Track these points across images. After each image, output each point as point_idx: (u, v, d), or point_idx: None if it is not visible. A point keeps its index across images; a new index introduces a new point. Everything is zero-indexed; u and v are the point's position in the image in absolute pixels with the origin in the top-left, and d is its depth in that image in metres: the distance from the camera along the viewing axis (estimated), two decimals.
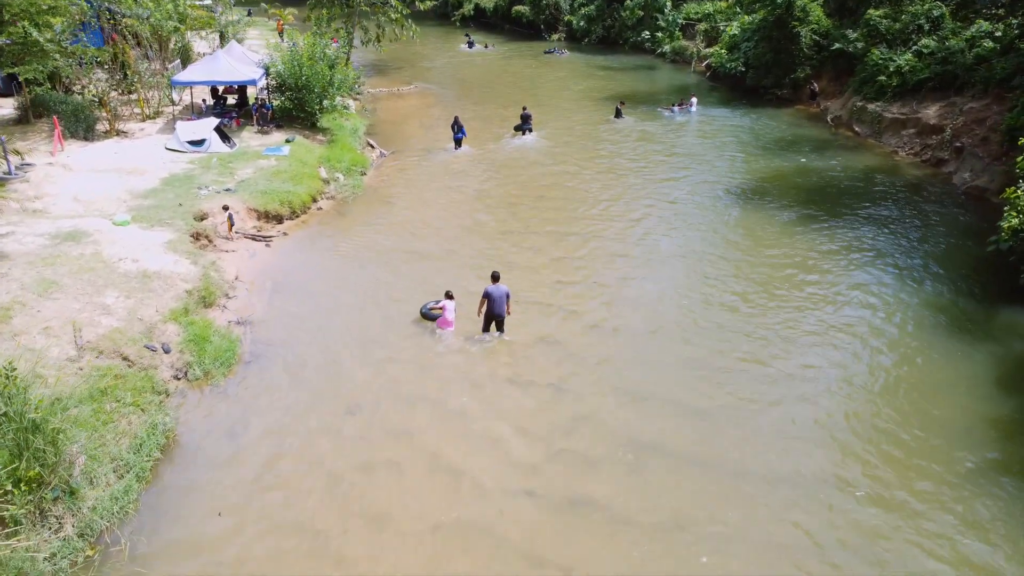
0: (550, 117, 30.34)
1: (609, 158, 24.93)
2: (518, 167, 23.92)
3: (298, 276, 16.24)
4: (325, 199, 20.80)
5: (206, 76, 23.68)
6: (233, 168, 20.87)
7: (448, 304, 13.91)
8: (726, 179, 22.75)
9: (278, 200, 19.03)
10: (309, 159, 22.34)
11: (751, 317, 14.42)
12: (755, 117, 30.31)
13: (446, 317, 13.93)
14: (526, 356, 13.17)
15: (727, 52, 36.60)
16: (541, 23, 54.44)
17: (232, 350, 12.94)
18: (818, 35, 31.76)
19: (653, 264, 16.85)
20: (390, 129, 29.15)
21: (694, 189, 21.70)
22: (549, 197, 21.04)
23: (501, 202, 20.71)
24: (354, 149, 24.58)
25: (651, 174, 23.19)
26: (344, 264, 16.85)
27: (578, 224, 19.11)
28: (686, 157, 25.06)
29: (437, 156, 25.21)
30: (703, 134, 27.93)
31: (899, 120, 26.00)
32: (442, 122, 29.76)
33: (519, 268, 16.60)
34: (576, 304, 14.98)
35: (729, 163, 24.44)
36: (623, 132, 28.13)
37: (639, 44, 46.81)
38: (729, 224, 19.17)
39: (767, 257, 17.08)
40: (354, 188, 21.49)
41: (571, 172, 23.23)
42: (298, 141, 23.72)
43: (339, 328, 14.09)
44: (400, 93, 35.46)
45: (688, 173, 23.23)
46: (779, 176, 23.07)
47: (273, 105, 25.55)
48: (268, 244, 17.67)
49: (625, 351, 13.35)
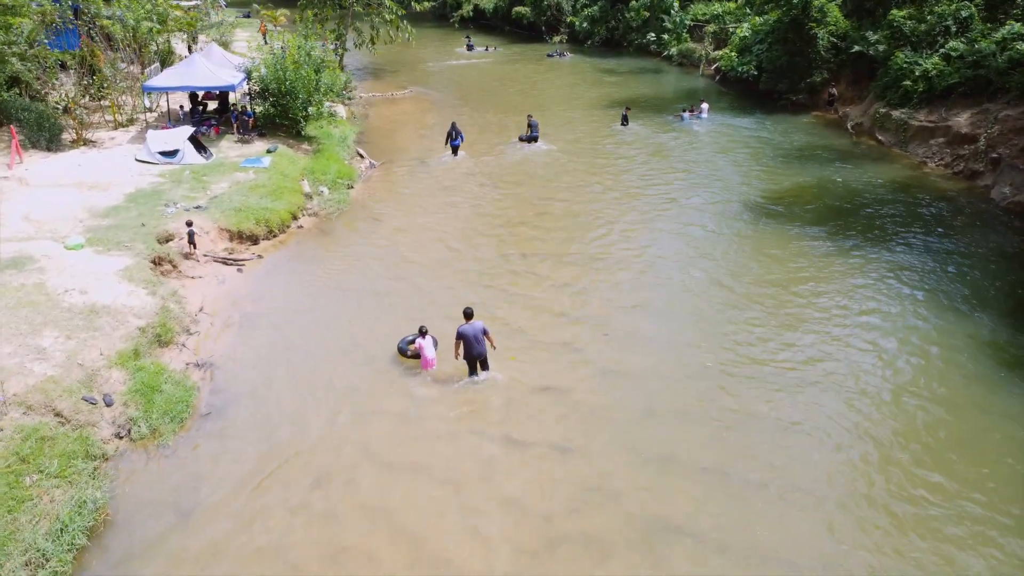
0: (553, 125, 28.58)
1: (615, 170, 23.19)
2: (518, 180, 22.18)
3: (271, 307, 14.50)
4: (307, 215, 19.06)
5: (180, 81, 21.96)
6: (207, 182, 19.14)
7: (423, 342, 12.26)
8: (742, 194, 21.00)
9: (253, 218, 17.30)
10: (291, 171, 20.61)
11: (774, 357, 12.65)
12: (770, 124, 28.56)
13: (425, 356, 12.27)
14: (524, 408, 11.42)
15: (737, 55, 34.86)
16: (542, 24, 52.72)
17: (186, 401, 11.20)
18: (836, 37, 30.02)
19: (665, 295, 15.08)
20: (382, 137, 27.43)
21: (708, 206, 19.94)
22: (551, 215, 19.29)
23: (499, 220, 18.96)
24: (341, 160, 22.85)
25: (661, 189, 21.44)
26: (323, 292, 15.10)
27: (582, 247, 17.36)
28: (698, 169, 23.32)
29: (431, 167, 23.49)
30: (715, 143, 26.19)
31: (927, 128, 24.24)
32: (438, 129, 28.02)
33: (517, 298, 14.86)
34: (581, 342, 13.22)
35: (744, 176, 22.69)
36: (630, 141, 26.39)
37: (644, 46, 45.08)
38: (746, 249, 17.41)
39: (788, 287, 15.32)
40: (339, 203, 19.75)
41: (575, 187, 21.49)
42: (280, 151, 22.00)
43: (313, 371, 12.35)
44: (394, 98, 33.76)
45: (701, 188, 21.48)
46: (799, 190, 21.31)
47: (255, 112, 23.83)
48: (240, 269, 15.93)
49: (638, 401, 11.59)
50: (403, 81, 37.66)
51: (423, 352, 12.28)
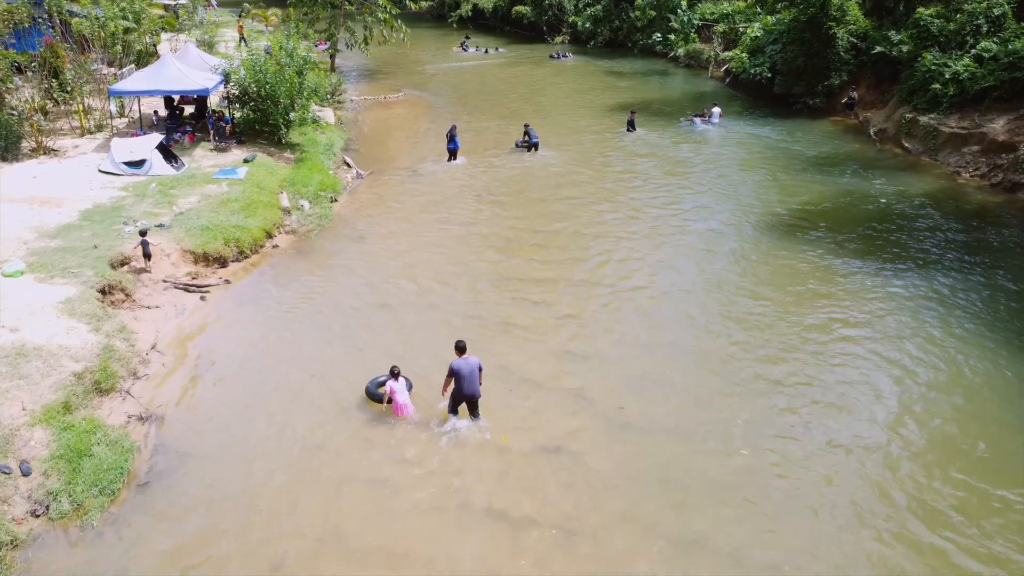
0: (555, 131, 26.82)
1: (621, 183, 21.40)
2: (517, 194, 20.40)
3: (235, 343, 12.72)
4: (284, 233, 17.29)
5: (150, 84, 20.19)
6: (174, 196, 17.37)
7: (394, 386, 10.59)
8: (759, 209, 19.21)
9: (222, 238, 15.52)
10: (269, 183, 18.84)
11: (807, 411, 10.87)
12: (786, 130, 26.77)
13: (398, 401, 10.59)
14: (522, 474, 9.63)
15: (749, 56, 33.08)
16: (543, 25, 50.95)
17: (121, 467, 9.41)
18: (855, 37, 28.23)
19: (682, 330, 13.27)
20: (372, 144, 25.65)
21: (723, 224, 18.13)
22: (553, 233, 17.49)
23: (496, 240, 17.17)
24: (325, 169, 21.07)
25: (671, 203, 19.65)
26: (295, 325, 13.31)
27: (588, 271, 15.57)
28: (711, 181, 21.52)
29: (423, 177, 21.71)
30: (728, 151, 24.38)
31: (959, 135, 22.45)
32: (432, 135, 26.29)
33: (517, 330, 13.08)
34: (589, 389, 11.42)
35: (762, 188, 20.90)
36: (637, 149, 24.60)
37: (650, 47, 43.28)
38: (767, 275, 15.61)
39: (816, 322, 13.54)
40: (320, 219, 17.97)
41: (578, 201, 19.70)
42: (259, 160, 20.23)
43: (276, 425, 10.57)
44: (387, 101, 31.99)
45: (715, 202, 19.68)
46: (822, 203, 19.52)
47: (233, 117, 22.06)
48: (203, 297, 14.15)
49: (656, 465, 9.81)
50: (397, 84, 35.89)
51: (395, 397, 10.60)
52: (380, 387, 10.93)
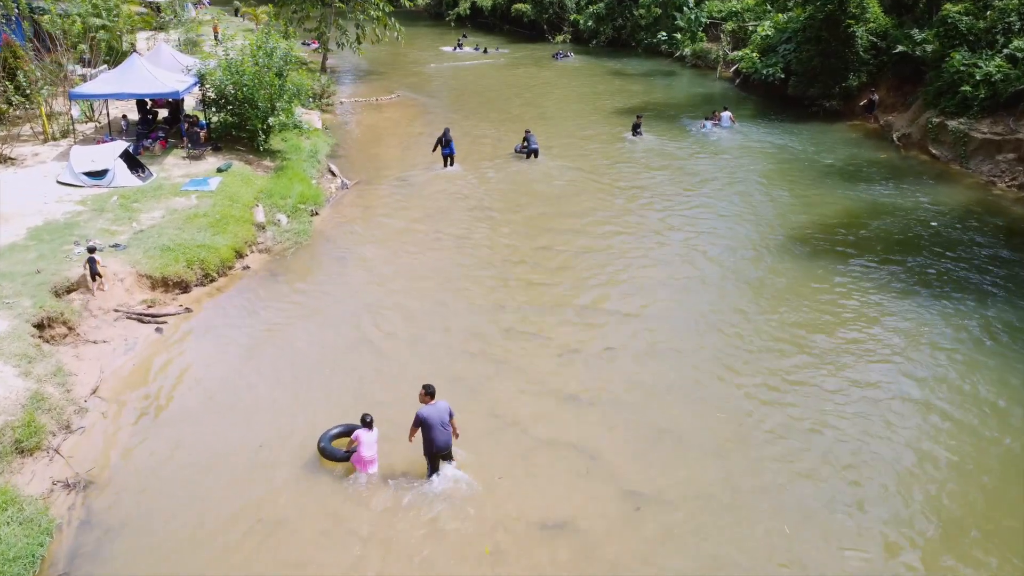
0: (556, 135, 25.21)
1: (628, 193, 19.75)
2: (516, 206, 18.76)
3: (190, 385, 11.10)
4: (257, 252, 15.65)
5: (115, 87, 18.54)
6: (136, 210, 15.75)
7: (364, 436, 9.05)
8: (777, 222, 17.57)
9: (185, 259, 13.89)
10: (243, 195, 17.21)
11: (844, 482, 9.25)
12: (802, 135, 25.12)
13: (362, 455, 9.04)
14: (517, 561, 7.99)
15: (759, 56, 31.43)
16: (544, 23, 49.30)
17: (32, 555, 7.78)
18: (875, 36, 26.59)
19: (700, 369, 11.63)
20: (361, 150, 24.03)
21: (739, 239, 16.51)
22: (555, 252, 15.85)
23: (492, 259, 15.54)
24: (307, 179, 19.43)
25: (681, 216, 18.01)
26: (260, 363, 11.68)
27: (593, 296, 13.92)
28: (724, 190, 19.89)
29: (414, 187, 20.06)
30: (743, 159, 22.72)
31: (992, 141, 20.81)
32: (425, 140, 24.65)
33: (512, 368, 11.46)
34: (596, 444, 9.79)
35: (778, 199, 19.25)
36: (644, 156, 22.97)
37: (654, 46, 41.63)
38: (791, 300, 13.97)
39: (847, 356, 11.92)
40: (299, 236, 16.34)
41: (581, 214, 18.05)
42: (234, 169, 18.60)
43: (230, 492, 8.95)
44: (379, 104, 30.36)
45: (728, 215, 18.04)
46: (845, 217, 17.87)
47: (209, 122, 20.44)
48: (160, 328, 12.52)
49: (677, 545, 8.17)
50: (391, 85, 34.25)
51: (360, 449, 9.03)
52: (338, 439, 9.51)
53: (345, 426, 9.68)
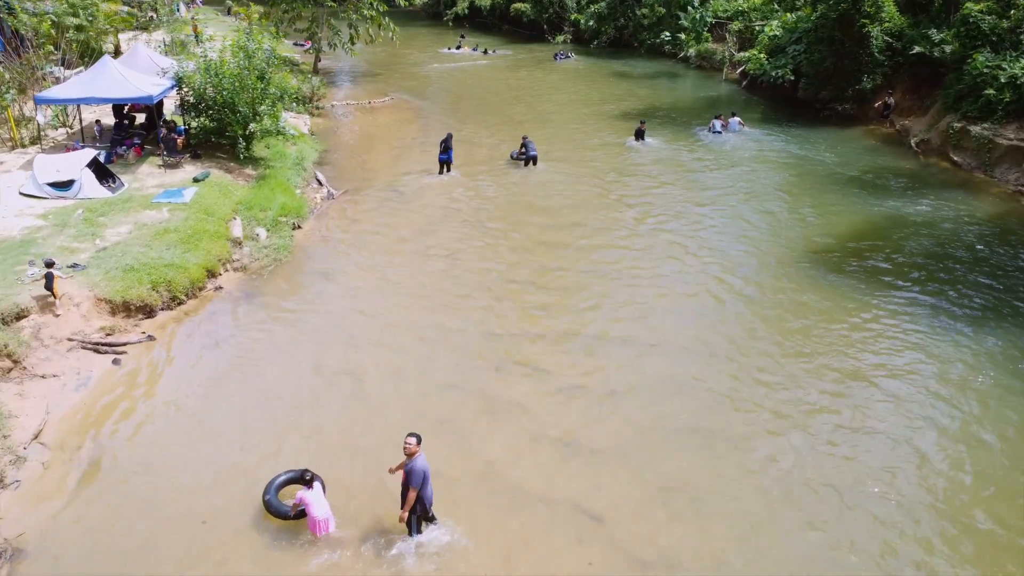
0: (556, 141, 24.03)
1: (635, 206, 18.56)
2: (514, 219, 17.56)
3: (145, 428, 9.92)
4: (232, 270, 14.47)
5: (84, 92, 17.32)
6: (102, 225, 14.58)
7: (308, 497, 8.00)
8: (794, 236, 16.40)
9: (150, 280, 12.71)
10: (220, 207, 16.03)
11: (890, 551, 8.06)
12: (815, 140, 23.91)
13: (313, 516, 7.96)
14: None
15: (767, 57, 30.22)
16: (544, 23, 48.05)
17: None
18: (890, 36, 25.39)
19: (716, 411, 10.47)
20: (350, 156, 22.83)
21: (754, 257, 15.35)
22: (554, 272, 14.64)
23: (485, 278, 14.34)
24: (291, 189, 18.25)
25: (691, 230, 16.83)
26: (225, 401, 10.51)
27: (598, 323, 12.73)
28: (735, 201, 18.71)
29: (406, 197, 18.87)
30: (753, 166, 21.52)
31: (1019, 149, 19.60)
32: (419, 145, 23.50)
33: (506, 410, 10.29)
34: (600, 503, 8.60)
35: (794, 210, 18.04)
36: (651, 164, 21.77)
37: (657, 47, 40.40)
38: (816, 328, 12.80)
39: (882, 390, 10.75)
40: (279, 251, 15.15)
41: (584, 227, 16.87)
42: (212, 179, 17.43)
43: (182, 564, 7.77)
44: (372, 107, 29.15)
45: (741, 229, 16.86)
46: (867, 230, 16.70)
47: (187, 128, 19.24)
48: (117, 360, 11.35)
49: None
50: (385, 87, 33.04)
51: (309, 511, 7.95)
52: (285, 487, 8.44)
53: (293, 473, 8.57)
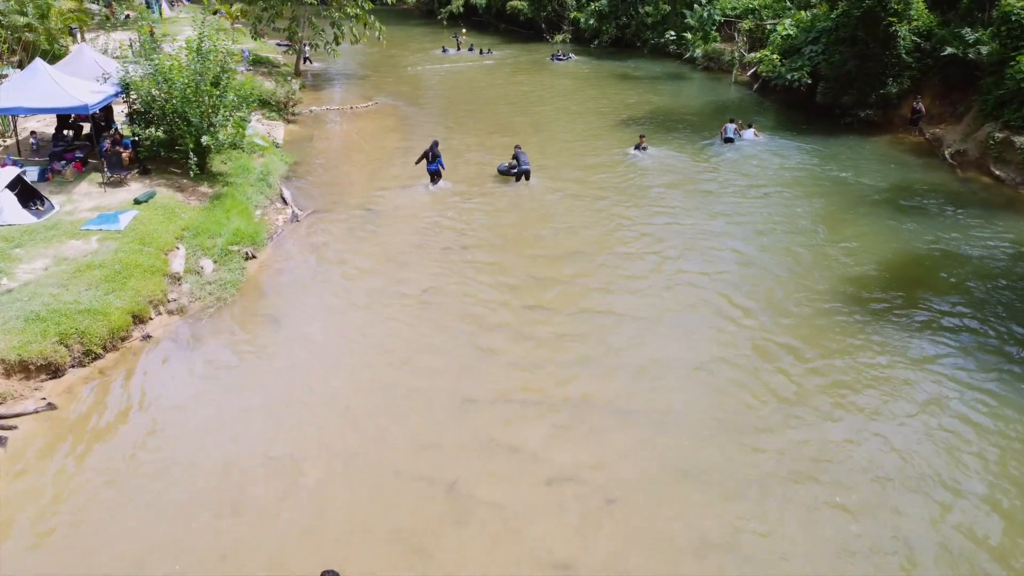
0: (553, 151, 21.87)
1: (636, 229, 16.37)
2: (500, 245, 15.40)
3: (29, 532, 7.76)
4: (166, 313, 12.30)
5: (8, 100, 15.19)
6: (15, 259, 12.44)
7: None
8: (827, 275, 14.18)
9: (57, 332, 10.56)
10: (160, 235, 13.87)
11: None
12: (837, 151, 21.71)
13: None
14: None
15: (781, 58, 28.01)
16: (542, 22, 45.86)
17: None
18: (918, 36, 23.19)
19: (739, 516, 8.32)
20: (324, 169, 20.66)
21: (780, 302, 13.15)
22: (546, 312, 12.44)
23: (464, 322, 12.15)
24: (250, 210, 16.11)
25: (705, 263, 14.64)
26: (131, 496, 8.35)
27: (595, 381, 10.56)
28: (753, 225, 16.55)
29: (379, 218, 16.71)
30: (774, 185, 19.26)
31: None
32: (399, 156, 21.35)
33: (479, 512, 8.12)
34: None
35: (824, 241, 15.78)
36: (654, 179, 19.57)
37: (661, 47, 38.22)
38: (847, 404, 10.63)
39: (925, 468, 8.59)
40: (225, 288, 12.99)
41: (581, 258, 14.70)
42: (158, 200, 15.29)
43: None
44: (355, 112, 27.00)
45: (765, 264, 14.66)
46: (908, 262, 14.53)
47: (136, 140, 17.08)
48: (3, 439, 9.19)
49: None
50: (372, 90, 30.89)
51: None
52: None
53: None
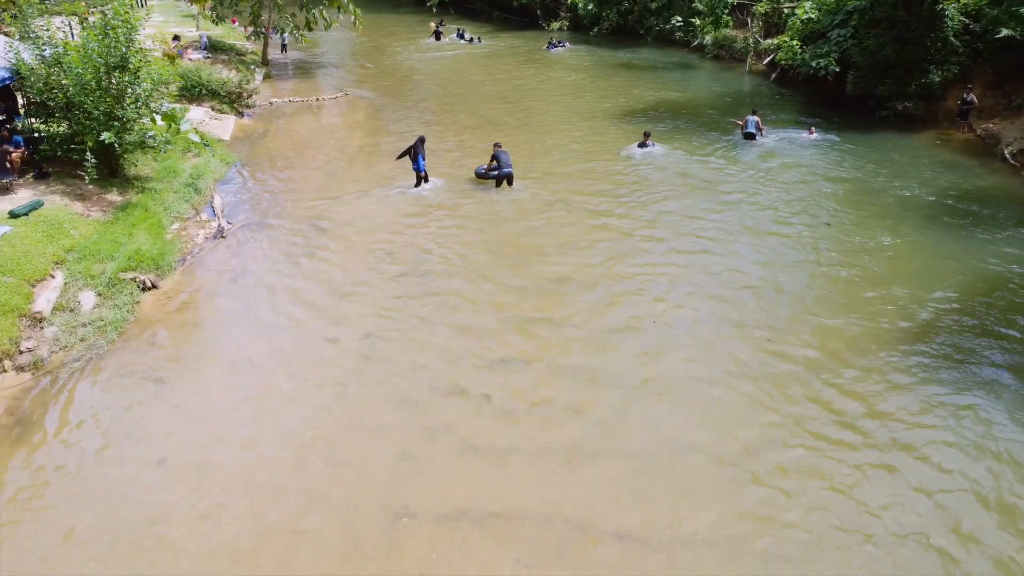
0: (541, 151, 18.83)
1: (636, 246, 13.34)
2: (468, 271, 12.35)
3: None
4: (14, 369, 9.26)
5: None
6: None
7: None
8: (874, 310, 11.17)
9: None
10: (30, 259, 10.82)
11: None
12: (874, 150, 18.62)
13: None
14: None
15: (802, 44, 24.89)
16: (537, 7, 42.69)
17: None
18: (967, 16, 20.06)
19: None
20: (272, 170, 17.57)
21: (813, 355, 10.13)
22: (520, 367, 9.37)
23: (411, 383, 9.09)
24: (161, 225, 13.07)
25: (717, 281, 11.62)
26: None
27: (590, 482, 7.52)
28: (777, 244, 13.52)
29: (325, 235, 13.64)
30: (801, 191, 16.21)
31: None
32: (364, 155, 18.36)
33: None
34: None
35: (868, 265, 12.76)
36: (658, 183, 16.51)
37: (666, 34, 35.08)
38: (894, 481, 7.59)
39: None
40: (103, 331, 9.97)
41: (565, 285, 11.64)
42: (43, 212, 12.25)
43: None
44: (320, 104, 23.92)
45: (789, 289, 11.66)
46: (978, 290, 11.48)
47: (34, 137, 14.05)
48: None
49: None
50: (344, 81, 27.80)
51: None
52: None
53: None
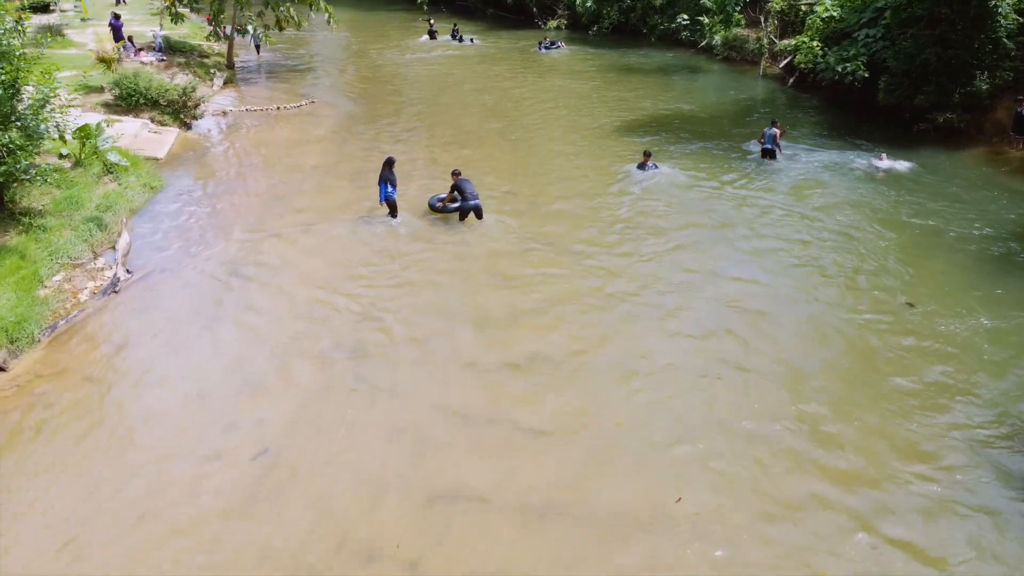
0: (521, 172, 16.17)
1: (634, 311, 10.68)
2: (421, 344, 9.68)
3: None
4: None
5: None
6: None
7: None
8: (937, 398, 8.50)
9: None
10: None
11: None
12: (920, 171, 15.91)
13: None
14: None
15: (823, 45, 22.18)
16: (533, 5, 40.00)
17: None
18: (1020, 14, 17.32)
19: None
20: (206, 198, 14.89)
21: (849, 417, 7.44)
22: (469, 504, 6.71)
23: (317, 532, 6.45)
24: (33, 276, 10.41)
25: (743, 361, 8.97)
26: None
27: None
28: (802, 293, 10.85)
29: (245, 287, 11.00)
30: (840, 234, 13.48)
31: None
32: (317, 176, 15.72)
33: None
34: None
35: (921, 328, 10.11)
36: (661, 214, 13.84)
37: (671, 34, 32.38)
38: None
39: None
40: None
41: (538, 361, 8.97)
42: None
43: None
44: (281, 114, 21.27)
45: (816, 353, 9.00)
46: None
47: None
48: None
49: None
50: (312, 87, 25.16)
51: None
52: None
53: None
